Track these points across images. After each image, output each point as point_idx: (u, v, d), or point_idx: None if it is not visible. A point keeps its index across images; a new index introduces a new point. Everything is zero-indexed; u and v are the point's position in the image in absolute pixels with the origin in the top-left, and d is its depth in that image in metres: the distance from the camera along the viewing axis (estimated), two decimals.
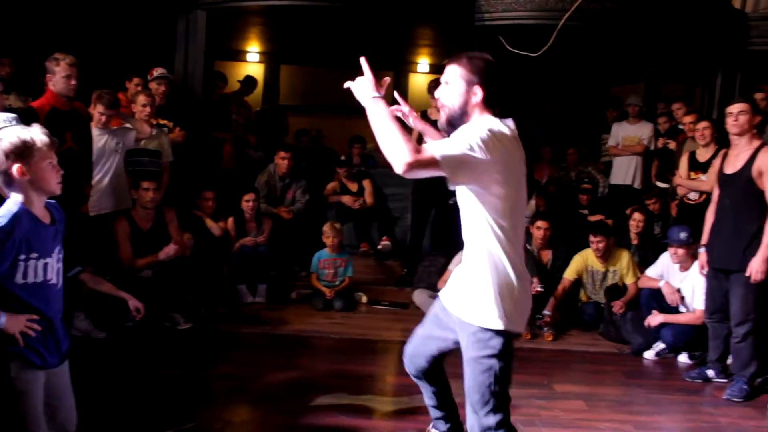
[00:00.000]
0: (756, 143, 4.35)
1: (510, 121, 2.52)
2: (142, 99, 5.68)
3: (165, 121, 6.27)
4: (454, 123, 2.51)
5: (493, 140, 2.33)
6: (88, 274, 4.66)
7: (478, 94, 2.47)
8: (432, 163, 2.21)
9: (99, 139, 5.20)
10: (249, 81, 8.71)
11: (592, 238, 5.78)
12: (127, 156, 5.51)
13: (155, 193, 5.30)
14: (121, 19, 6.95)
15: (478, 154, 2.27)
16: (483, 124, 2.40)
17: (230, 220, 6.46)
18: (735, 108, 4.38)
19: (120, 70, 6.52)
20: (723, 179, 4.48)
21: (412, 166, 2.17)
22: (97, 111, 5.17)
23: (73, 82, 4.67)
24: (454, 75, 2.49)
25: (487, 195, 2.39)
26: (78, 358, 3.99)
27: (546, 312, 5.65)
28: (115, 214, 5.30)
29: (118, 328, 4.81)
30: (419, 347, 2.95)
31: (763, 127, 5.39)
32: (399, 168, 2.19)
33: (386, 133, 2.26)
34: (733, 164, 4.40)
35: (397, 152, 2.20)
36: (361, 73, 2.52)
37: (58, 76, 4.62)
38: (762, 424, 4.05)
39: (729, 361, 4.83)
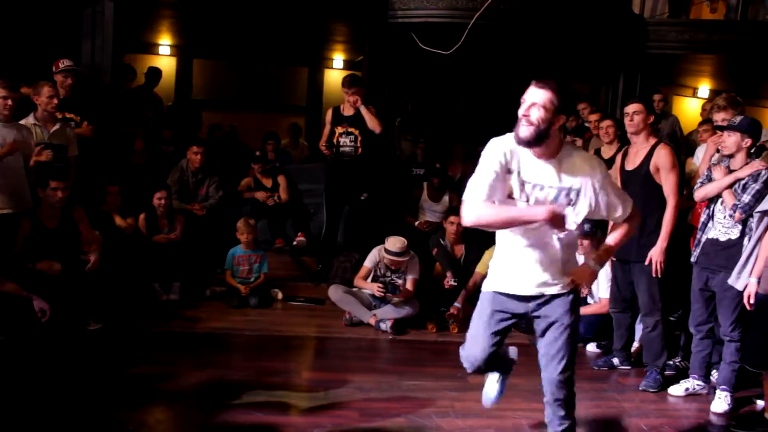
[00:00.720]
0: (653, 141, 4.54)
1: None
2: (47, 90, 5.44)
3: (71, 115, 6.07)
4: (537, 142, 2.75)
5: None
6: None
7: (561, 120, 2.76)
8: None
9: None
10: (153, 72, 8.48)
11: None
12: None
13: (64, 193, 5.10)
14: (25, 9, 6.66)
15: None
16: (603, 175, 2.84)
17: (141, 216, 6.31)
18: (630, 108, 4.57)
19: (23, 62, 6.24)
20: (624, 175, 4.66)
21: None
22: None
23: None
24: (546, 99, 2.71)
25: None
26: None
27: (456, 304, 5.78)
28: (16, 216, 5.06)
29: (25, 330, 4.61)
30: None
31: (657, 125, 5.65)
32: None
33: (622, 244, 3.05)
34: (633, 161, 4.60)
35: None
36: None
37: None
38: (660, 407, 4.28)
39: (633, 348, 5.07)
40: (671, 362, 4.84)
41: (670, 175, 4.39)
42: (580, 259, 5.44)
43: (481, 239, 6.35)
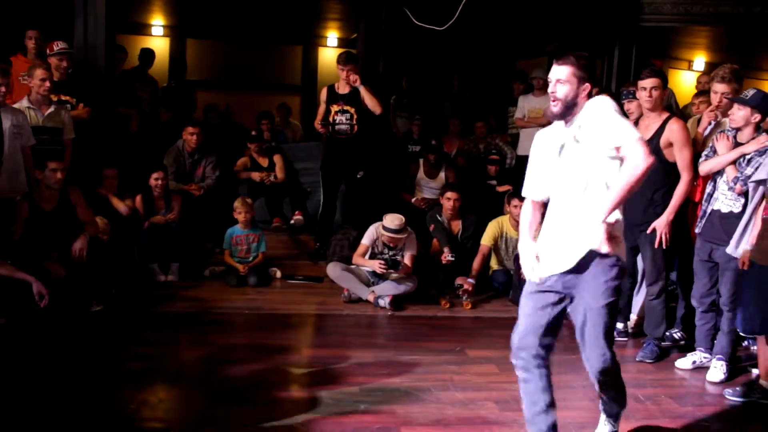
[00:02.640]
0: (664, 115, 4.48)
1: None
2: (39, 73, 5.41)
3: (67, 97, 6.04)
4: (566, 113, 2.92)
5: None
6: None
7: (587, 88, 2.89)
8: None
9: None
10: (146, 54, 8.42)
11: (515, 202, 5.93)
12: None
13: (62, 174, 5.09)
14: None
15: None
16: (605, 105, 2.82)
17: (138, 198, 6.31)
18: (648, 83, 4.44)
19: (12, 43, 6.20)
20: None
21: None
22: None
23: None
24: (568, 74, 2.89)
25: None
26: None
27: (470, 280, 5.82)
28: (13, 202, 5.05)
29: (27, 313, 4.63)
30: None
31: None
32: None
33: (627, 188, 2.69)
34: (643, 134, 4.50)
35: (642, 167, 2.64)
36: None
37: None
38: (656, 377, 4.31)
39: (630, 320, 5.11)
40: (669, 333, 4.88)
41: (684, 149, 4.35)
42: None
43: (478, 214, 6.39)
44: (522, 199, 5.82)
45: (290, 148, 7.84)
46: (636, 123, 4.64)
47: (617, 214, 2.79)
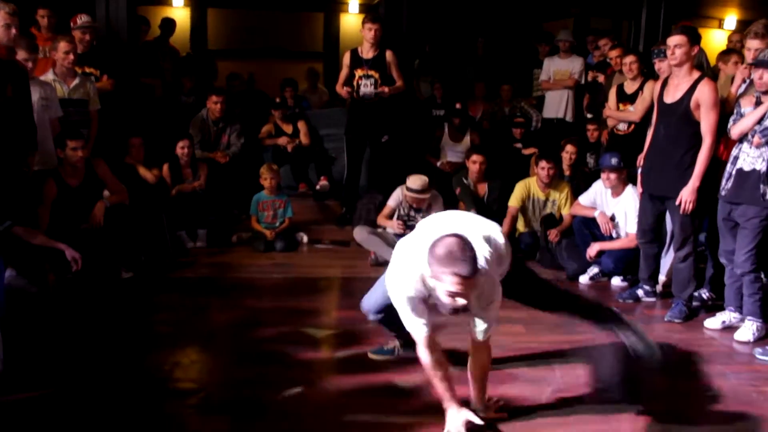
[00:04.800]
0: (696, 75, 4.39)
1: None
2: (63, 46, 5.44)
3: (91, 69, 6.09)
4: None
5: None
6: (21, 228, 4.58)
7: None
8: None
9: None
10: (167, 24, 8.44)
11: (543, 164, 5.90)
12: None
13: (84, 151, 5.12)
14: None
15: None
16: None
17: (165, 166, 6.36)
18: (671, 41, 4.39)
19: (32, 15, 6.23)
20: (661, 108, 4.54)
21: None
22: (20, 57, 4.94)
23: (13, 31, 4.50)
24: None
25: None
26: (15, 313, 3.97)
27: None
28: (43, 174, 5.11)
29: (59, 281, 4.71)
30: None
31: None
32: None
33: None
34: (673, 94, 4.45)
35: None
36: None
37: None
38: (685, 337, 4.28)
39: (660, 279, 5.09)
40: (697, 294, 4.84)
41: (711, 112, 4.28)
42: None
43: (504, 177, 6.36)
44: (550, 159, 5.85)
45: (314, 114, 7.85)
46: (665, 82, 4.58)
47: None
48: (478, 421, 2.81)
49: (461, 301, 2.50)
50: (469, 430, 2.82)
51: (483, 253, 2.69)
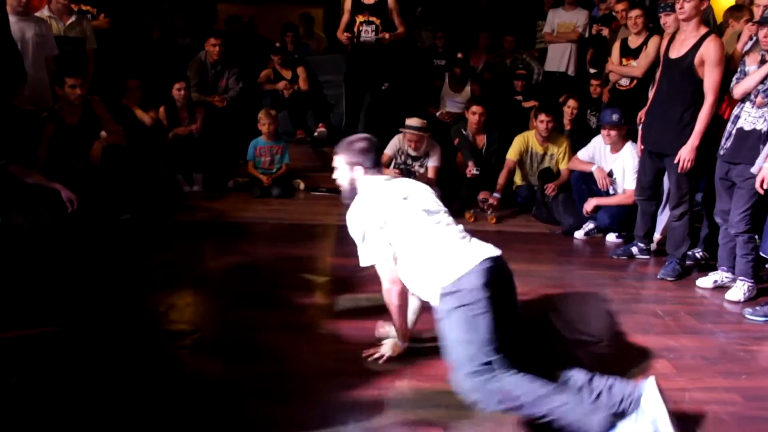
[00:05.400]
0: (703, 30, 4.32)
1: None
2: None
3: (87, 7, 5.99)
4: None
5: None
6: (16, 167, 4.56)
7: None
8: None
9: (14, 28, 4.82)
10: None
11: (542, 117, 5.87)
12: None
13: (82, 89, 5.07)
14: None
15: None
16: None
17: (161, 109, 6.31)
18: None
19: None
20: (666, 63, 4.48)
21: None
22: None
23: None
24: None
25: None
26: (12, 251, 3.98)
27: (495, 195, 5.83)
28: (39, 112, 5.06)
29: (55, 222, 4.71)
30: None
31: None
32: None
33: None
34: (678, 49, 4.38)
35: None
36: None
37: None
38: (676, 295, 4.31)
39: (655, 237, 5.11)
40: (691, 253, 4.86)
41: (715, 70, 4.21)
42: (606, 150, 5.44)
43: (503, 129, 6.32)
44: (549, 113, 5.81)
45: (314, 60, 7.75)
46: (672, 37, 4.51)
47: None
48: (395, 351, 3.06)
49: None
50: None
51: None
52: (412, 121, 5.69)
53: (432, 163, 5.78)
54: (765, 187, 3.80)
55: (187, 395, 2.73)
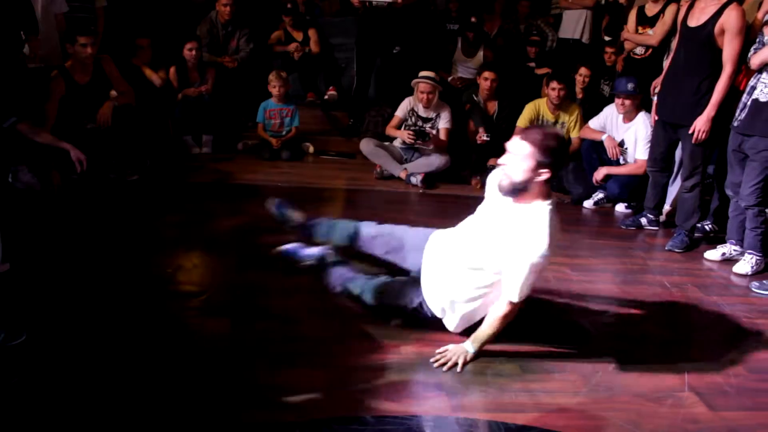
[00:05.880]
0: None
1: None
2: None
3: None
4: None
5: None
6: (25, 125, 4.55)
7: None
8: None
9: None
10: None
11: (554, 84, 5.81)
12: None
13: (93, 48, 5.02)
14: None
15: None
16: None
17: (172, 69, 6.27)
18: None
19: None
20: (684, 31, 4.40)
21: None
22: None
23: None
24: None
25: None
26: (23, 210, 3.99)
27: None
28: (49, 70, 5.03)
29: (64, 181, 4.72)
30: None
31: None
32: None
33: None
34: (698, 17, 4.30)
35: None
36: None
37: None
38: (684, 266, 4.33)
39: (664, 209, 5.09)
40: (700, 225, 4.84)
41: (735, 39, 4.14)
42: None
43: (515, 96, 6.26)
44: (561, 81, 5.75)
45: (326, 22, 7.67)
46: (691, 5, 4.42)
47: None
48: (466, 359, 2.83)
49: None
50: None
51: None
52: (426, 72, 5.66)
53: (443, 124, 5.74)
54: None
55: (192, 357, 2.75)
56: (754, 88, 4.08)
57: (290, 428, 2.33)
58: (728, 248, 4.44)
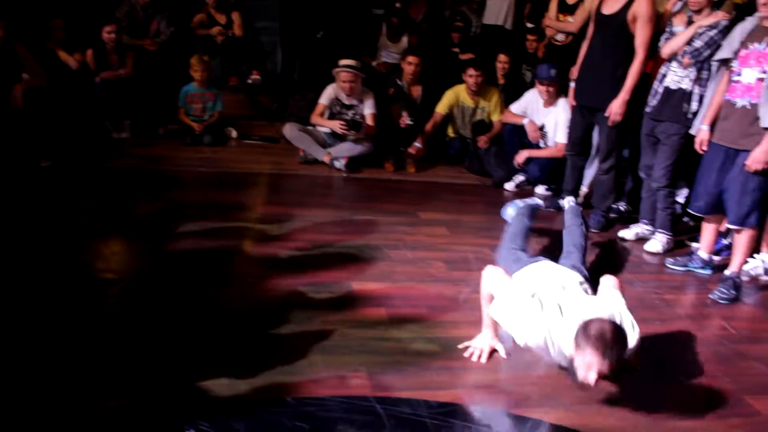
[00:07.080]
0: None
1: None
2: None
3: None
4: None
5: None
6: None
7: None
8: None
9: None
10: None
11: (471, 72, 5.89)
12: None
13: (3, 31, 4.82)
14: None
15: None
16: None
17: (89, 52, 6.06)
18: None
19: None
20: (598, 19, 4.55)
21: None
22: None
23: None
24: None
25: None
26: None
27: (416, 144, 5.85)
28: None
29: None
30: None
31: None
32: None
33: None
34: (611, 5, 4.45)
35: None
36: None
37: None
38: (602, 245, 4.48)
39: (582, 191, 5.24)
40: (615, 206, 5.01)
41: (646, 26, 4.31)
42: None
43: (439, 81, 6.32)
44: (477, 68, 5.82)
45: (250, 6, 7.54)
46: None
47: None
48: (502, 353, 2.90)
49: (593, 377, 2.38)
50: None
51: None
52: (347, 61, 5.64)
53: (368, 110, 5.75)
54: (704, 148, 3.93)
55: (111, 344, 2.70)
56: (664, 75, 4.26)
57: (210, 413, 2.31)
58: (641, 228, 4.61)
